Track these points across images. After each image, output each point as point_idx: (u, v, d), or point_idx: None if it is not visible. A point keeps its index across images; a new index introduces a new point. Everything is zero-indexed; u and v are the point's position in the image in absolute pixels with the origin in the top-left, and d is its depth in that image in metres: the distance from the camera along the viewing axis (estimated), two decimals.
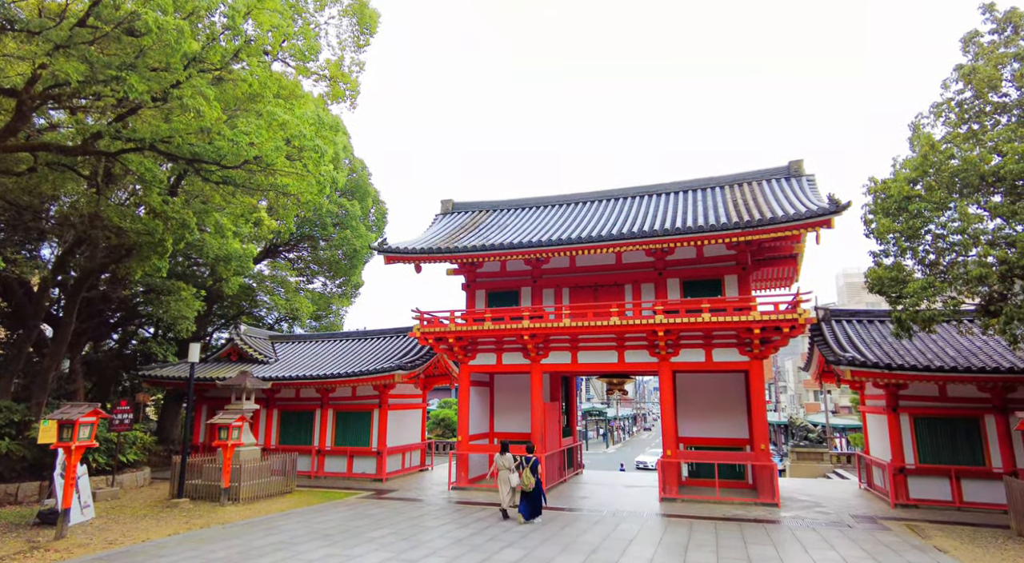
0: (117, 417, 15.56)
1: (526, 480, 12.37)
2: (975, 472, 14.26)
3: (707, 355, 15.69)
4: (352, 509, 13.86)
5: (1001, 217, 11.32)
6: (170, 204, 15.21)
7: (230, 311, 28.02)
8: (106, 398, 23.93)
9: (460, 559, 9.36)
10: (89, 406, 11.36)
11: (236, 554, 9.64)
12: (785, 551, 10.02)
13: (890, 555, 9.79)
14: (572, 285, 18.07)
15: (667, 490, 15.09)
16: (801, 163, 17.83)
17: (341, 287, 30.85)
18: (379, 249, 17.75)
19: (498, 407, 19.95)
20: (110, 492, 14.91)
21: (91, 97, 12.39)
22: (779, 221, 14.01)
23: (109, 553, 9.78)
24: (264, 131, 13.22)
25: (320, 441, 19.74)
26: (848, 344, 15.71)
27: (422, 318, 17.65)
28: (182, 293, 19.84)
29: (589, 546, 10.29)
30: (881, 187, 12.82)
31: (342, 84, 15.58)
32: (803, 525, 12.22)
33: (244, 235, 21.84)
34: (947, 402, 14.86)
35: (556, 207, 20.25)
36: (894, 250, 12.50)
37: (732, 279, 16.57)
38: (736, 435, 16.96)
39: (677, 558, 9.51)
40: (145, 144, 12.85)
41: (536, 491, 12.46)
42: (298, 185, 14.80)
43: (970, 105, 12.41)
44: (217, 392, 20.34)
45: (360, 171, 29.41)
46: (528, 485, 12.34)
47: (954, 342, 15.19)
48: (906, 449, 14.82)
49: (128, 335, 26.49)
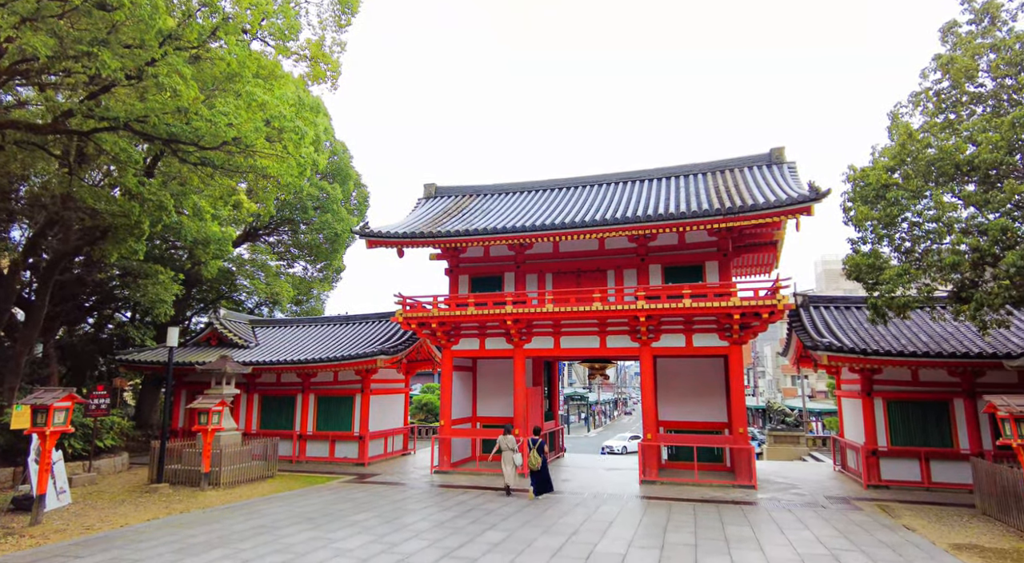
0: (93, 402, 15.33)
1: (533, 460, 13.27)
2: (944, 454, 14.69)
3: (687, 340, 15.88)
4: (334, 493, 13.87)
5: (974, 205, 11.56)
6: (146, 186, 14.90)
7: (209, 295, 27.64)
8: (82, 383, 23.54)
9: (443, 541, 9.44)
10: (64, 391, 11.17)
11: (217, 538, 9.61)
12: (761, 531, 10.26)
13: (861, 534, 10.07)
14: (555, 270, 18.11)
15: (647, 473, 15.32)
16: (782, 150, 17.98)
17: (322, 271, 30.56)
18: (361, 233, 17.59)
19: (481, 392, 20.02)
20: (87, 478, 14.73)
21: (61, 73, 12.01)
22: (760, 208, 14.14)
23: (87, 538, 9.68)
24: (243, 112, 12.97)
25: (302, 426, 19.67)
26: (825, 330, 16.00)
27: (405, 303, 17.58)
28: (160, 276, 19.50)
29: (570, 527, 10.44)
30: (860, 175, 13.00)
31: (323, 65, 15.29)
32: (779, 506, 12.51)
33: (223, 218, 21.48)
34: (919, 386, 15.25)
35: (540, 192, 20.21)
36: (871, 237, 12.71)
37: (713, 265, 16.74)
38: (715, 419, 17.24)
39: (656, 539, 9.69)
40: (119, 123, 12.53)
41: (543, 470, 13.38)
42: (278, 167, 14.58)
43: (947, 95, 12.59)
44: (197, 377, 20.11)
45: (341, 154, 29.02)
46: (535, 464, 13.25)
47: (927, 328, 15.55)
48: (879, 432, 15.20)
49: (104, 319, 26.02)
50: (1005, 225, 10.66)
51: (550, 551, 8.87)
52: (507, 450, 14.00)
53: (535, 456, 13.28)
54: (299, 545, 9.17)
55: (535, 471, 13.35)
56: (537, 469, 13.32)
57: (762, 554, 8.76)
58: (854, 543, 9.44)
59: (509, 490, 13.74)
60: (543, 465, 13.40)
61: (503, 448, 14.04)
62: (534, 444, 13.45)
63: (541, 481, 13.44)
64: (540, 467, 13.32)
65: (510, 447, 14.00)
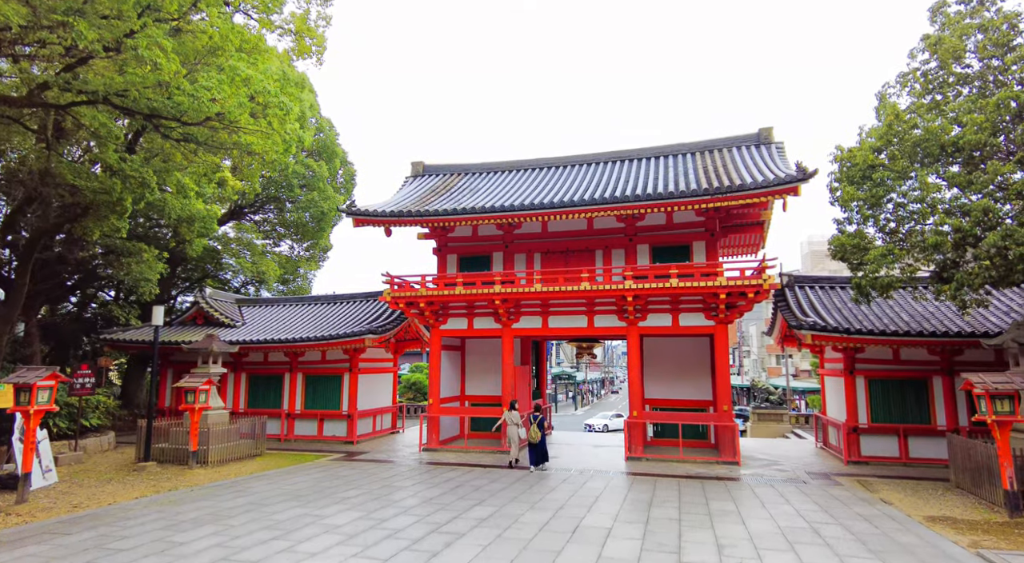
0: (78, 381, 15.21)
1: (533, 434, 14.28)
2: (921, 430, 15.05)
3: (674, 320, 16.01)
4: (323, 471, 13.95)
5: (958, 187, 11.67)
6: (128, 162, 14.60)
7: (194, 274, 27.34)
8: (66, 362, 23.29)
9: (431, 517, 9.55)
10: (47, 370, 11.06)
11: (206, 515, 9.65)
12: (744, 506, 10.49)
13: (840, 507, 10.34)
14: (544, 250, 18.11)
15: (633, 449, 15.56)
16: (771, 131, 17.98)
17: (309, 250, 30.30)
18: (348, 211, 17.43)
19: (469, 370, 20.11)
20: (73, 457, 14.68)
21: (36, 44, 11.65)
22: (748, 188, 14.19)
23: (74, 516, 9.68)
24: (226, 86, 12.69)
25: (289, 405, 19.68)
26: (810, 309, 16.20)
27: (392, 282, 17.52)
28: (143, 255, 19.23)
29: (557, 503, 10.60)
30: (847, 156, 13.05)
31: (308, 39, 14.98)
32: (762, 482, 12.78)
33: (207, 196, 21.17)
34: (900, 365, 15.54)
35: (528, 171, 20.10)
36: (857, 218, 12.82)
37: (700, 245, 16.82)
38: (700, 397, 17.49)
39: (641, 514, 9.88)
40: (98, 97, 12.22)
41: (541, 443, 14.36)
42: (263, 144, 14.34)
43: (935, 75, 12.62)
44: (183, 356, 20.00)
45: (327, 131, 28.60)
46: (535, 438, 14.25)
47: (909, 308, 15.80)
48: (860, 410, 15.51)
49: (87, 298, 25.67)
50: (987, 206, 10.80)
51: (537, 526, 9.02)
52: (512, 425, 14.85)
53: (535, 430, 14.23)
54: (288, 522, 9.24)
55: (534, 444, 14.27)
56: (536, 442, 14.25)
57: (744, 528, 8.97)
58: (833, 516, 9.70)
59: (514, 462, 14.58)
60: (542, 439, 14.35)
61: (508, 422, 14.94)
62: (535, 419, 14.37)
63: (539, 453, 14.33)
64: (539, 441, 14.27)
65: (515, 422, 14.83)
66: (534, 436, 14.25)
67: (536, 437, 14.24)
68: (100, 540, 8.24)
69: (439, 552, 7.67)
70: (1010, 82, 11.63)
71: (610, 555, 7.59)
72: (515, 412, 14.94)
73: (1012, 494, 9.69)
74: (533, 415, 14.55)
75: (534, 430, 14.28)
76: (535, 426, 14.29)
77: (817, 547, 7.98)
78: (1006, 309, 15.03)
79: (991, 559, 7.46)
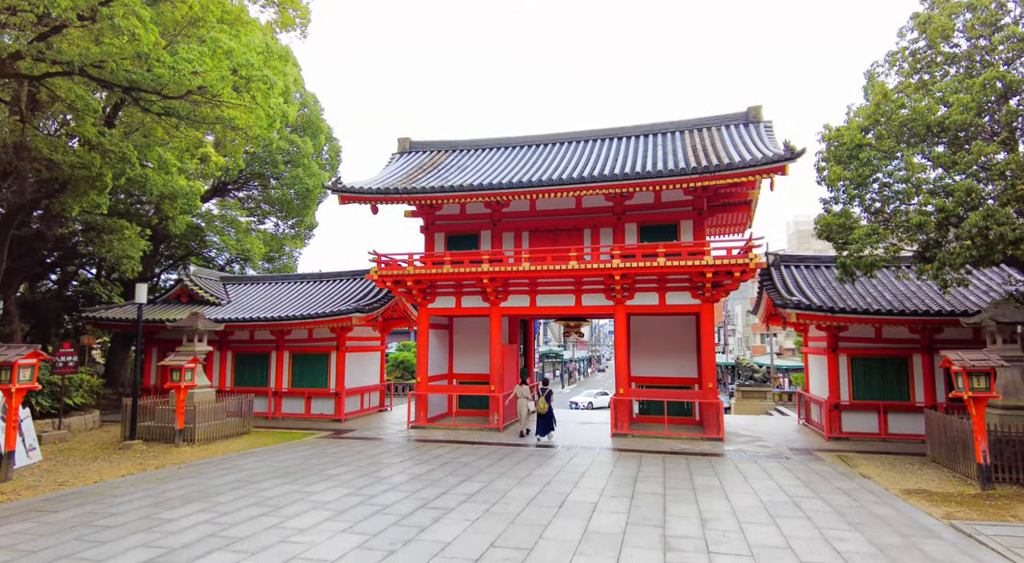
0: (60, 360, 15.04)
1: (541, 405, 15.36)
2: (900, 407, 15.38)
3: (661, 299, 16.11)
4: (311, 448, 13.99)
5: (942, 167, 11.76)
6: (107, 136, 14.26)
7: (178, 251, 26.97)
8: (47, 341, 23.00)
9: (420, 493, 9.64)
10: (28, 348, 10.90)
11: (194, 492, 9.65)
12: (727, 481, 10.70)
13: (820, 482, 10.58)
14: (532, 229, 18.05)
15: (618, 426, 15.76)
16: (759, 109, 17.94)
17: (294, 228, 29.97)
18: (333, 188, 17.20)
19: (457, 349, 20.16)
20: (57, 435, 14.57)
21: (6, 11, 11.25)
22: (736, 167, 14.19)
23: (60, 494, 9.64)
24: (208, 59, 12.38)
25: (276, 383, 19.63)
26: (795, 288, 16.37)
27: (380, 261, 17.41)
28: (125, 232, 18.90)
29: (544, 478, 10.74)
30: (835, 135, 13.08)
31: (291, 10, 14.64)
32: (745, 457, 13.03)
33: (190, 172, 20.78)
34: (882, 343, 15.81)
35: (517, 149, 19.93)
36: (843, 198, 12.89)
37: (688, 224, 16.86)
38: (686, 375, 17.70)
39: (627, 488, 10.04)
40: (74, 68, 11.87)
41: (549, 413, 15.42)
42: (246, 118, 14.06)
43: (923, 55, 12.62)
44: (168, 334, 19.81)
45: (312, 106, 28.08)
46: (542, 409, 15.34)
47: (892, 287, 16.02)
48: (842, 387, 15.80)
49: (68, 275, 25.27)
50: (970, 186, 10.90)
51: (524, 500, 9.14)
52: (522, 398, 16.20)
53: (543, 402, 15.35)
54: (277, 498, 9.27)
55: (542, 415, 15.34)
56: (544, 413, 15.34)
57: (727, 502, 9.16)
58: (813, 490, 9.93)
59: (524, 433, 15.84)
60: (549, 410, 15.43)
61: (519, 396, 16.29)
62: (543, 392, 15.51)
63: (546, 423, 15.40)
64: (547, 412, 15.37)
65: (525, 395, 16.25)
66: (542, 407, 15.28)
67: (544, 408, 15.28)
68: (87, 517, 8.23)
69: (428, 527, 7.76)
70: (997, 62, 11.67)
71: (596, 529, 7.72)
72: (525, 386, 16.37)
73: (985, 468, 9.97)
74: (542, 389, 15.52)
75: (542, 402, 15.33)
76: (543, 398, 15.31)
77: (798, 520, 8.18)
78: (985, 288, 15.30)
79: (962, 529, 7.70)
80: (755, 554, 6.78)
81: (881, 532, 7.63)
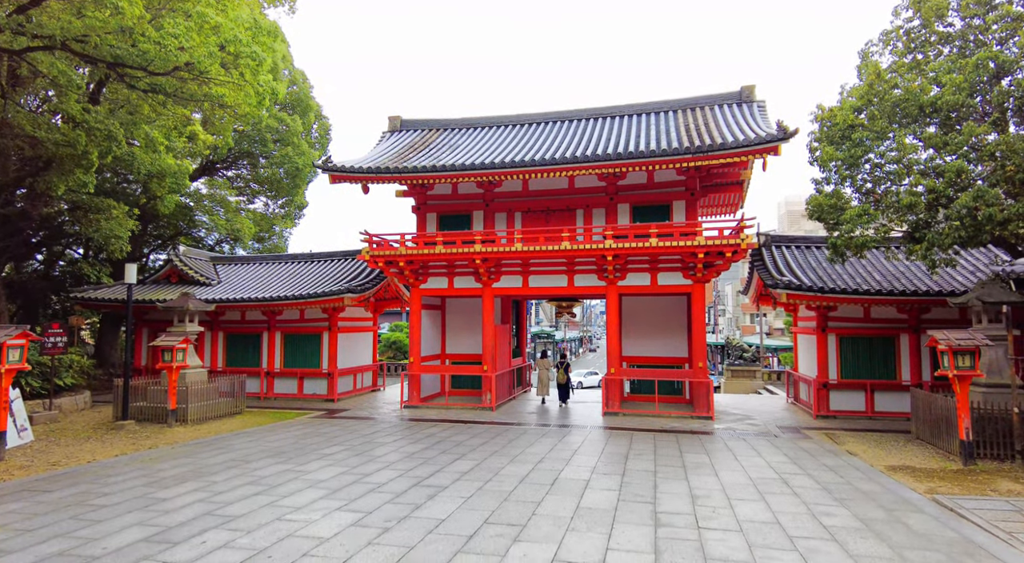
0: (49, 340, 14.93)
1: (560, 376, 18.12)
2: (887, 385, 15.64)
3: (652, 279, 16.17)
4: (305, 428, 14.05)
5: (934, 147, 11.79)
6: (92, 113, 13.98)
7: (167, 231, 26.68)
8: (35, 321, 22.78)
9: (413, 471, 9.73)
10: (17, 328, 10.81)
11: (188, 472, 9.69)
12: (717, 458, 10.87)
13: (808, 459, 10.78)
14: (524, 209, 18.00)
15: (610, 405, 15.93)
16: (753, 89, 17.86)
17: (284, 207, 29.70)
18: (323, 167, 17.03)
19: (450, 329, 20.21)
20: (48, 415, 14.54)
21: None
22: (729, 147, 14.16)
23: (53, 473, 9.65)
24: (195, 34, 12.12)
25: (269, 363, 19.63)
26: (785, 268, 16.48)
27: (371, 241, 17.32)
28: (113, 211, 18.64)
29: (536, 456, 10.87)
30: (827, 115, 13.05)
31: None
32: (734, 436, 13.23)
33: (178, 150, 20.46)
34: (870, 323, 16.00)
35: (509, 128, 19.77)
36: (835, 178, 12.91)
37: (680, 205, 16.87)
38: (676, 354, 17.86)
39: (618, 466, 10.18)
40: (55, 42, 11.58)
41: (567, 384, 18.14)
42: (235, 96, 13.83)
43: (917, 34, 12.57)
44: (158, 315, 19.70)
45: (301, 83, 27.64)
46: (562, 380, 18.07)
47: (881, 267, 16.17)
48: (831, 366, 16.02)
49: (55, 255, 24.95)
50: (961, 167, 10.95)
51: (517, 478, 9.25)
52: (544, 369, 18.23)
53: (562, 374, 18.11)
54: (272, 477, 9.33)
55: (561, 384, 18.02)
56: (563, 383, 18.01)
57: (717, 479, 9.32)
58: (801, 467, 10.12)
59: (545, 399, 18.44)
60: (567, 380, 18.07)
61: (541, 367, 18.27)
62: (561, 365, 18.38)
63: (565, 391, 18.02)
64: (565, 382, 18.02)
65: (547, 367, 18.29)
66: (560, 378, 17.99)
67: (563, 379, 17.97)
68: (81, 497, 8.25)
69: (422, 504, 7.85)
70: (990, 42, 11.65)
71: (588, 505, 7.85)
72: (547, 359, 18.52)
73: (967, 444, 10.20)
74: (560, 362, 18.51)
75: (560, 373, 18.09)
76: (562, 371, 18.13)
77: (786, 496, 8.34)
78: (972, 269, 15.47)
79: (944, 503, 7.90)
80: (744, 529, 6.92)
81: (866, 507, 7.80)
